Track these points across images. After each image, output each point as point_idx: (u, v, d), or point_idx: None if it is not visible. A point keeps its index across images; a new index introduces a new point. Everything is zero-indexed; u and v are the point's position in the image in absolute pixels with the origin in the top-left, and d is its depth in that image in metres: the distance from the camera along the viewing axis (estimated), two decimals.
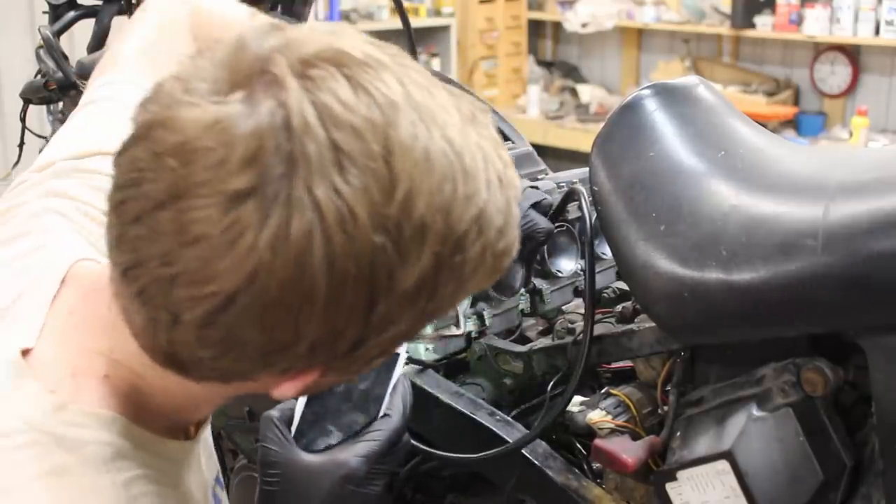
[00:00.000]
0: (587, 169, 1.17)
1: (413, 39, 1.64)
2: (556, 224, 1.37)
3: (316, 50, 0.64)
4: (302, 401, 0.88)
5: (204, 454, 0.88)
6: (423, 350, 1.30)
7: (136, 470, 0.73)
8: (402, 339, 0.70)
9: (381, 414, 0.89)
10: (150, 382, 0.75)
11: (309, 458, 0.85)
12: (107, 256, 0.68)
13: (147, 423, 0.76)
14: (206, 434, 0.91)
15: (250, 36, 0.65)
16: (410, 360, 1.29)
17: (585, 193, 1.26)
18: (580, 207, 1.26)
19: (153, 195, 0.62)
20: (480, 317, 1.35)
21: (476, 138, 0.67)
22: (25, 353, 0.73)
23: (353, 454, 0.85)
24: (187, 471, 0.83)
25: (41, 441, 0.69)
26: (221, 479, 0.95)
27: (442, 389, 1.27)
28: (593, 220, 1.43)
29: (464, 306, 1.31)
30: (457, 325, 1.32)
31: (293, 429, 0.88)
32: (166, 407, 0.77)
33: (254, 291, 0.62)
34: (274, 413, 0.88)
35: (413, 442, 1.21)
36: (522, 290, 1.40)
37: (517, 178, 0.71)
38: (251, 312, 0.62)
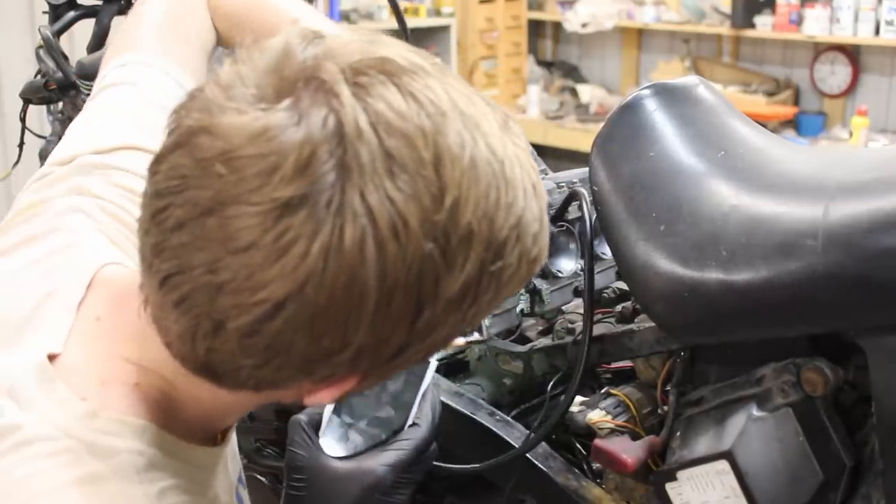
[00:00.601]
0: (587, 169, 1.17)
1: (408, 39, 1.64)
2: (557, 224, 1.37)
3: (361, 57, 0.64)
4: (330, 406, 0.88)
5: (229, 455, 0.88)
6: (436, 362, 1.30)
7: (168, 480, 0.73)
8: (442, 346, 0.70)
9: (410, 423, 0.88)
10: (180, 391, 0.74)
11: (336, 464, 0.85)
12: (134, 260, 0.68)
13: (177, 430, 0.75)
14: (232, 437, 0.91)
15: (294, 42, 0.65)
16: None
17: (586, 194, 1.26)
18: (581, 208, 1.26)
19: (199, 202, 0.62)
20: None
21: (512, 147, 0.68)
22: (52, 357, 0.72)
23: (381, 463, 0.85)
24: (215, 477, 0.82)
25: (74, 448, 0.69)
26: (244, 478, 0.95)
27: (442, 389, 1.27)
28: (593, 221, 1.43)
29: None
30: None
31: (321, 434, 0.87)
32: (196, 415, 0.77)
33: (303, 300, 0.61)
34: (302, 417, 0.88)
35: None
36: (522, 290, 1.40)
37: (542, 185, 0.72)
38: (299, 321, 0.62)
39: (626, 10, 5.70)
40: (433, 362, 0.90)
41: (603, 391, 1.23)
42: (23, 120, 1.66)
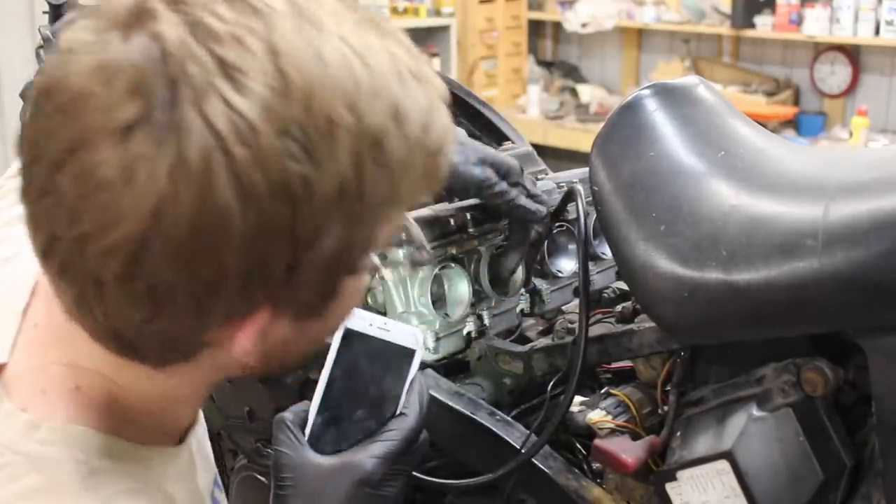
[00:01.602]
0: (587, 169, 1.17)
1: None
2: (556, 224, 1.37)
3: None
4: (315, 403, 0.86)
5: (199, 457, 0.86)
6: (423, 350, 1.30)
7: (117, 484, 0.71)
8: (347, 253, 0.66)
9: (398, 413, 0.86)
10: (122, 386, 0.73)
11: (322, 460, 0.83)
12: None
13: (129, 433, 0.74)
14: (201, 437, 0.89)
15: None
16: None
17: (583, 193, 1.26)
18: (576, 207, 1.26)
19: (52, 159, 0.60)
20: (480, 317, 1.35)
21: (377, 39, 0.65)
22: (0, 367, 0.72)
23: (369, 455, 0.83)
24: (177, 478, 0.80)
25: (13, 462, 0.68)
26: (220, 481, 0.93)
27: (442, 389, 1.27)
28: (592, 220, 1.44)
29: (465, 303, 1.32)
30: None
31: (307, 431, 0.86)
32: (145, 412, 0.75)
33: (164, 229, 0.59)
34: (287, 416, 0.86)
35: (421, 476, 1.21)
36: (522, 290, 1.40)
37: (438, 78, 0.68)
38: (167, 252, 0.60)
39: (626, 10, 5.70)
40: (419, 351, 0.88)
41: (603, 391, 1.23)
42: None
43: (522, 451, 1.19)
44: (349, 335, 0.88)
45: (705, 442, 1.07)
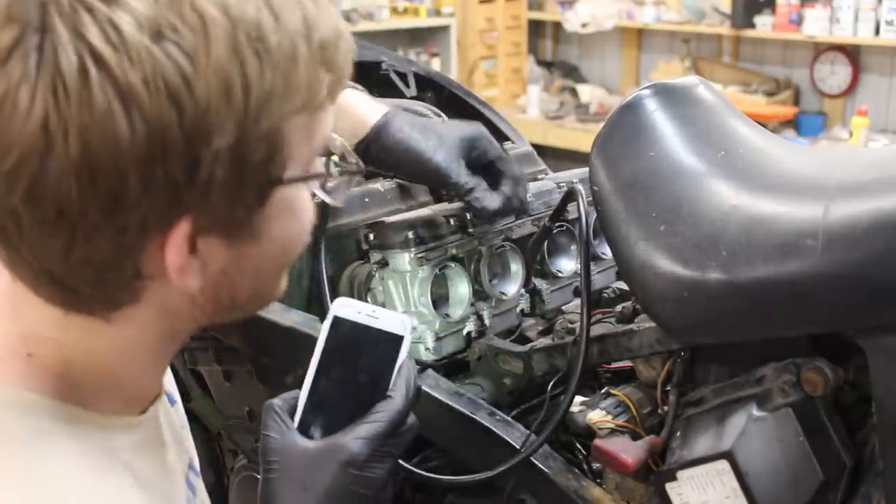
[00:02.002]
0: (587, 169, 1.17)
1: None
2: (556, 224, 1.37)
3: None
4: (305, 390, 0.87)
5: (169, 436, 0.86)
6: (423, 350, 1.30)
7: (65, 444, 0.71)
8: (251, 152, 0.66)
9: (385, 397, 0.87)
10: (74, 348, 0.74)
11: (309, 444, 0.83)
12: None
13: (85, 401, 0.75)
14: (175, 421, 0.89)
15: None
16: None
17: (584, 193, 1.26)
18: (577, 207, 1.26)
19: None
20: (480, 317, 1.35)
21: None
22: None
23: (354, 437, 0.83)
24: (136, 448, 0.80)
25: None
26: (198, 469, 0.93)
27: (442, 389, 1.27)
28: (592, 220, 1.44)
29: (465, 303, 1.32)
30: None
31: (296, 418, 0.86)
32: (100, 375, 0.76)
33: (55, 146, 0.61)
34: (276, 401, 0.87)
35: (424, 472, 1.22)
36: (522, 290, 1.40)
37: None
38: (64, 169, 0.62)
39: (626, 10, 5.71)
40: (408, 337, 0.88)
41: (603, 391, 1.23)
42: None
43: (522, 450, 1.19)
44: (337, 323, 0.88)
45: (705, 442, 1.07)
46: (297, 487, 0.82)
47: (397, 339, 0.88)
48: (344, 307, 0.89)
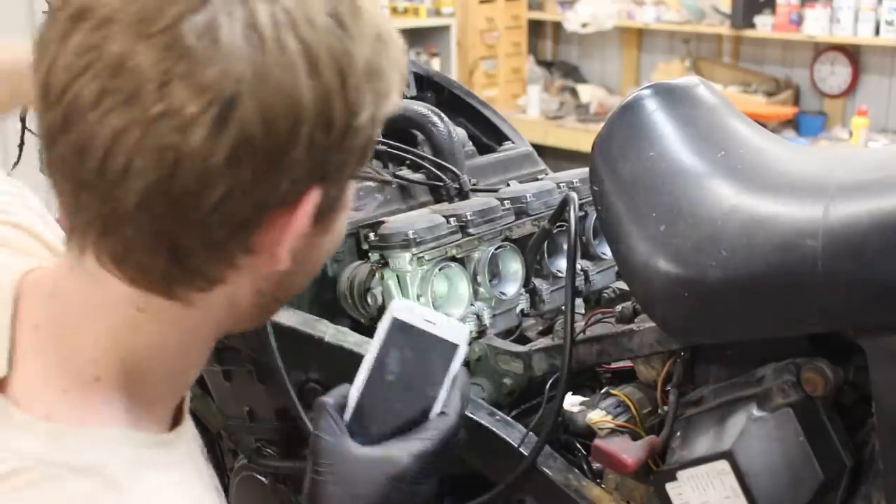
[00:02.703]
0: (587, 169, 1.17)
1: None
2: (556, 224, 1.38)
3: None
4: (357, 389, 0.86)
5: (191, 435, 0.87)
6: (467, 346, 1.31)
7: (157, 474, 0.72)
8: (374, 130, 0.72)
9: (439, 411, 0.86)
10: (139, 347, 0.73)
11: (361, 451, 0.84)
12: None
13: (145, 421, 0.75)
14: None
15: None
16: None
17: (576, 199, 1.28)
18: (568, 214, 1.27)
19: (99, 74, 0.63)
20: (480, 317, 1.35)
21: None
22: (2, 383, 0.70)
23: (407, 452, 0.83)
24: (198, 452, 0.83)
25: (52, 474, 0.67)
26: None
27: None
28: (592, 220, 1.44)
29: (465, 303, 1.32)
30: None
31: (346, 417, 0.86)
32: (161, 374, 0.75)
33: (250, 85, 0.63)
34: (328, 400, 0.86)
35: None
36: (522, 290, 1.40)
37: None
38: (253, 107, 0.63)
39: (626, 10, 5.70)
40: (463, 346, 0.88)
41: (603, 391, 1.23)
42: (23, 120, 1.66)
43: (522, 451, 1.19)
44: (395, 325, 0.88)
45: (705, 442, 1.07)
46: (346, 493, 0.83)
47: (453, 347, 0.88)
48: (403, 310, 0.88)
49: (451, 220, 1.33)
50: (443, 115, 1.51)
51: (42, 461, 0.67)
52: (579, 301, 1.43)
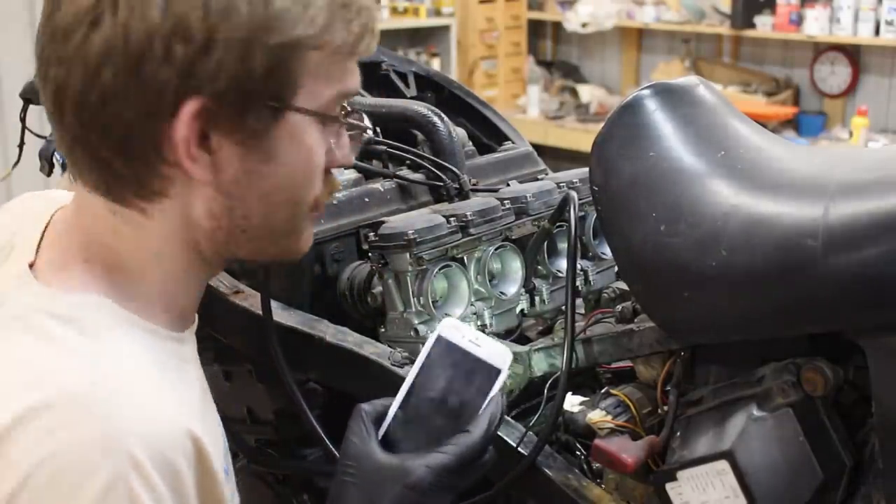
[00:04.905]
0: (587, 169, 1.17)
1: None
2: (556, 224, 1.37)
3: None
4: (397, 401, 0.88)
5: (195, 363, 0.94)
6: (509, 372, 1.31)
7: (133, 342, 0.82)
8: (255, 52, 0.79)
9: (464, 429, 0.88)
10: (119, 251, 0.85)
11: (383, 457, 0.87)
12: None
13: (135, 308, 0.85)
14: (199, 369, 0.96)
15: None
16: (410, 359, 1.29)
17: (576, 199, 1.28)
18: (568, 214, 1.27)
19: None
20: (480, 317, 1.35)
21: None
22: (31, 265, 0.86)
23: (425, 464, 0.86)
24: (189, 360, 0.91)
25: (36, 318, 0.80)
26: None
27: None
28: (592, 220, 1.44)
29: (465, 303, 1.32)
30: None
31: (383, 427, 0.88)
32: (143, 283, 0.86)
33: (105, 14, 0.77)
34: (366, 407, 0.90)
35: None
36: (522, 290, 1.40)
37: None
38: (108, 34, 0.77)
39: (626, 10, 5.70)
40: (505, 371, 0.89)
41: (603, 391, 1.23)
42: (23, 120, 1.66)
43: (522, 451, 1.19)
44: (440, 342, 0.90)
45: (705, 442, 1.07)
46: (365, 497, 0.86)
47: (495, 371, 0.89)
48: (450, 328, 0.91)
49: (451, 220, 1.33)
50: (443, 115, 1.51)
51: (31, 308, 0.81)
52: (579, 301, 1.43)
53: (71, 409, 0.74)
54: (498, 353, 0.90)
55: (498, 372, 0.89)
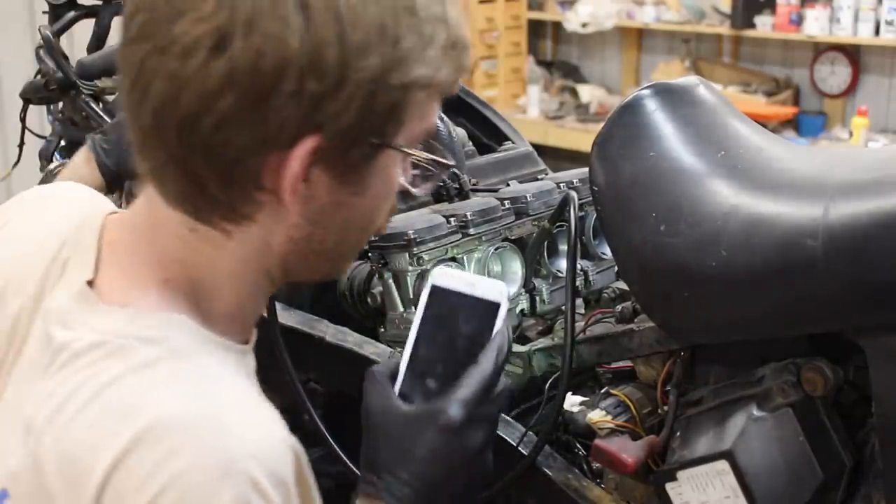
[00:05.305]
0: (587, 169, 1.17)
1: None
2: (556, 224, 1.37)
3: None
4: (405, 358, 0.89)
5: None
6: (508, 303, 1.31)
7: (217, 360, 0.80)
8: (380, 92, 0.76)
9: (475, 362, 0.89)
10: (197, 269, 0.82)
11: (407, 409, 0.87)
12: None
13: (211, 325, 0.82)
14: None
15: None
16: None
17: (576, 198, 1.28)
18: (568, 214, 1.27)
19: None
20: None
21: None
22: (90, 283, 0.81)
23: (448, 403, 0.86)
24: (252, 371, 0.88)
25: (125, 344, 0.76)
26: None
27: None
28: (592, 220, 1.44)
29: None
30: None
31: (398, 384, 0.89)
32: (222, 294, 0.83)
33: (235, 37, 0.72)
34: (376, 368, 0.91)
35: None
36: (522, 290, 1.40)
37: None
38: (244, 43, 0.72)
39: (626, 10, 5.70)
40: (504, 303, 0.90)
41: (603, 391, 1.23)
42: (23, 120, 1.66)
43: (522, 451, 1.19)
44: (435, 291, 0.91)
45: (705, 442, 1.07)
46: (397, 450, 0.86)
47: (494, 306, 0.90)
48: (442, 276, 0.92)
49: (451, 220, 1.33)
50: (443, 115, 1.51)
51: (116, 334, 0.77)
52: (579, 301, 1.43)
53: (181, 435, 0.72)
54: (494, 289, 0.91)
55: (497, 306, 0.89)
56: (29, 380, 0.79)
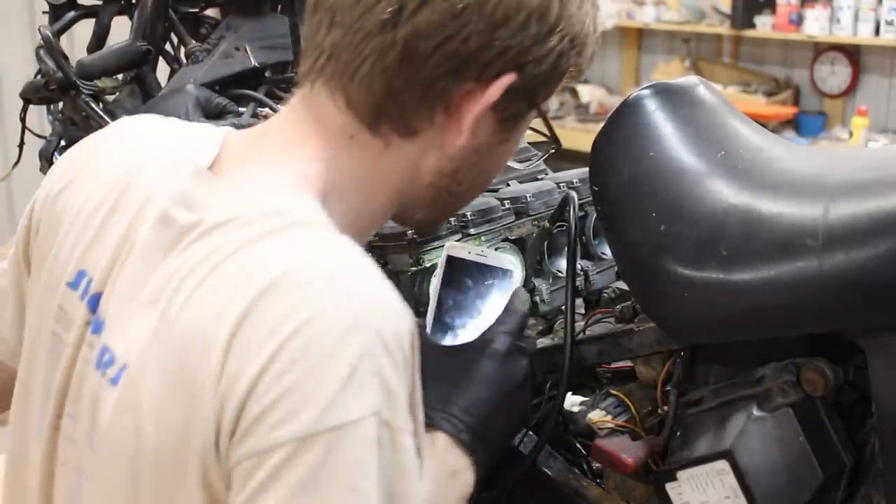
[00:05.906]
0: (587, 169, 1.17)
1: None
2: (556, 224, 1.37)
3: None
4: (430, 317, 0.99)
5: None
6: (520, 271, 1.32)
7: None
8: (566, 54, 0.85)
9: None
10: (342, 168, 0.84)
11: (454, 347, 0.96)
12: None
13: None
14: None
15: None
16: None
17: (576, 199, 1.29)
18: (568, 214, 1.27)
19: None
20: None
21: None
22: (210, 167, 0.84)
23: (492, 332, 0.96)
24: None
25: (254, 218, 0.78)
26: None
27: None
28: (592, 220, 1.44)
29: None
30: None
31: (426, 331, 0.99)
32: (349, 204, 0.86)
33: None
34: None
35: None
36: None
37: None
38: None
39: (626, 10, 5.70)
40: (517, 271, 1.02)
41: (603, 391, 1.23)
42: (23, 120, 1.66)
43: (522, 451, 1.19)
44: (451, 261, 1.02)
45: (705, 442, 1.07)
46: (451, 382, 0.93)
47: (508, 273, 1.02)
48: (455, 249, 1.04)
49: (451, 219, 1.33)
50: None
51: (245, 210, 0.79)
52: (579, 301, 1.43)
53: (312, 286, 0.74)
54: (505, 258, 1.03)
55: (509, 272, 1.01)
56: (150, 259, 0.80)
